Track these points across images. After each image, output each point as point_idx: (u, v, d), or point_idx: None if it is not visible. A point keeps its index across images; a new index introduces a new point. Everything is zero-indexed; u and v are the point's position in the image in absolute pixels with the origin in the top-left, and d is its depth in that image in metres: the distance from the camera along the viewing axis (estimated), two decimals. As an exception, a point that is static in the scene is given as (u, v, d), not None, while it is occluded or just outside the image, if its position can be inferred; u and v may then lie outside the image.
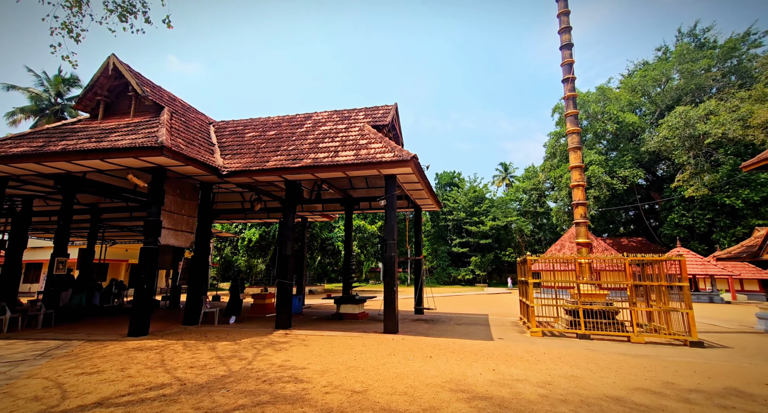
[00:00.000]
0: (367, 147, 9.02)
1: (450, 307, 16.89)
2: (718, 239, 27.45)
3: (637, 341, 8.96)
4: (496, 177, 58.91)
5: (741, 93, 26.42)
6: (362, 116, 11.22)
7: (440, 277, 44.98)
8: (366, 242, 30.53)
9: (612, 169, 31.72)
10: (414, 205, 13.50)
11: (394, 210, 9.18)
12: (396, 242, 9.14)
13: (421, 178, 9.48)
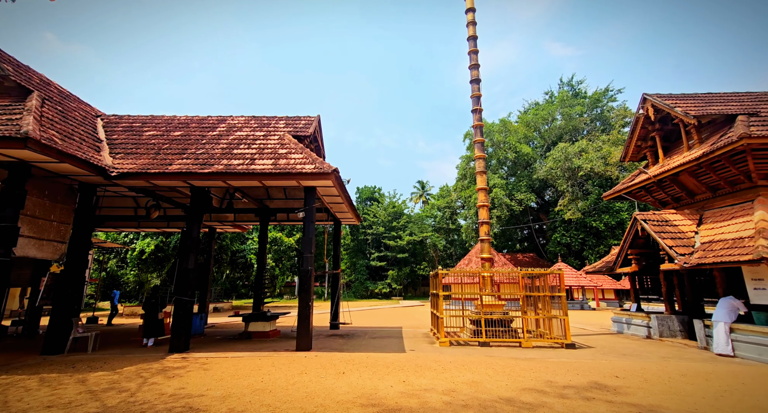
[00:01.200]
0: (287, 157, 8.75)
1: (366, 321, 16.96)
2: (588, 255, 32.93)
3: (526, 346, 10.11)
4: (414, 194, 62.06)
5: (603, 136, 32.71)
6: (283, 124, 10.89)
7: (358, 291, 45.04)
8: (282, 256, 29.12)
9: (511, 192, 36.05)
10: (334, 218, 13.43)
11: (312, 223, 9.00)
12: (314, 256, 8.93)
13: (342, 192, 9.52)
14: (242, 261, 28.38)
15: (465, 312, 12.05)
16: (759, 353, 8.39)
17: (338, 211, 12.48)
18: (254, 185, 9.21)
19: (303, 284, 8.74)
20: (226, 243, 26.00)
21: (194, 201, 9.16)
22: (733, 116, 10.10)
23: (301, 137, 10.34)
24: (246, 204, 11.89)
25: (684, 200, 12.23)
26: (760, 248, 8.03)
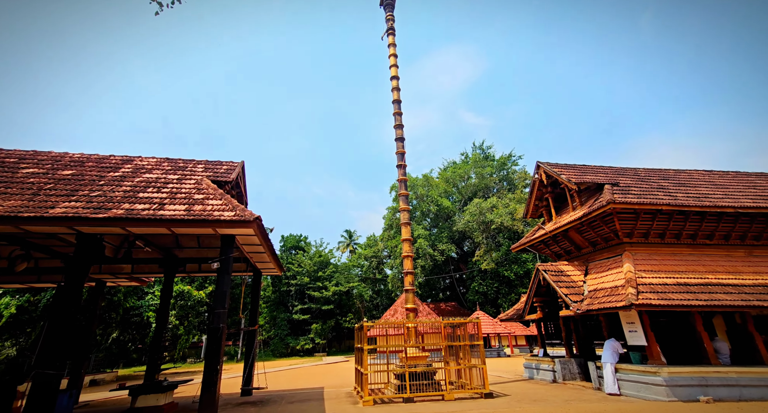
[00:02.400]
0: (204, 203, 8.20)
1: (284, 383, 15.36)
2: (502, 303, 35.34)
3: (449, 398, 10.08)
4: (341, 243, 61.54)
5: (510, 195, 37.27)
6: (201, 168, 10.32)
7: (277, 348, 41.06)
8: (189, 312, 25.66)
9: (434, 243, 38.00)
10: (254, 269, 12.55)
11: (228, 274, 8.29)
12: (227, 311, 8.09)
13: (264, 240, 9.09)
14: (137, 320, 24.24)
15: (390, 365, 11.73)
16: (637, 390, 9.56)
17: (259, 261, 11.74)
18: (161, 232, 8.33)
19: (212, 344, 7.75)
20: (117, 299, 22.14)
21: (80, 251, 7.85)
22: (602, 185, 12.46)
23: (221, 182, 9.86)
24: (149, 254, 10.54)
25: (573, 252, 14.21)
26: (629, 295, 9.57)
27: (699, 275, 10.91)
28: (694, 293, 10.01)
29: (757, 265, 11.59)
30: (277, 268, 12.38)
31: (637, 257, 11.46)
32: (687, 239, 12.14)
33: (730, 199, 11.87)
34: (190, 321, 25.51)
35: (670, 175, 13.91)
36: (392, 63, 14.17)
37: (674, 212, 11.59)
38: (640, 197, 11.52)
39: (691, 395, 8.88)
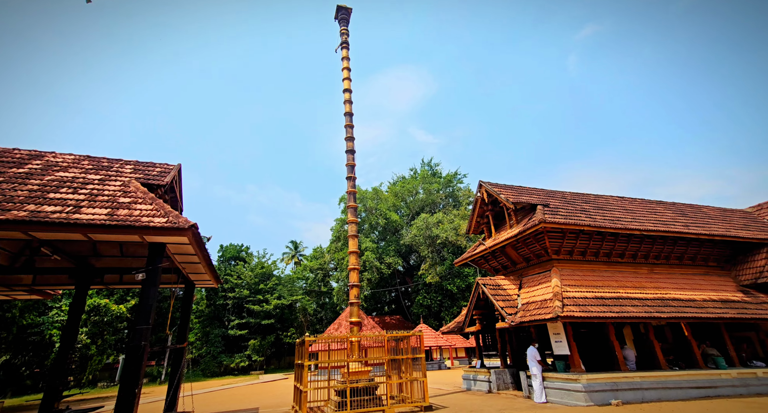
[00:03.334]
0: (131, 207, 7.44)
1: (215, 405, 14.14)
2: (444, 316, 36.35)
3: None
4: (285, 254, 59.35)
5: (455, 211, 38.98)
6: (130, 170, 9.38)
7: (208, 367, 37.87)
8: (105, 329, 22.77)
9: (381, 256, 38.21)
10: (185, 280, 11.56)
11: (155, 287, 7.54)
12: (151, 328, 7.31)
13: (200, 250, 8.45)
14: (35, 339, 20.92)
15: (331, 381, 11.38)
16: (561, 397, 10.32)
17: (192, 272, 10.85)
18: (75, 238, 7.38)
19: (131, 364, 6.92)
20: (11, 315, 18.96)
21: (-31, 256, 6.66)
22: (535, 205, 13.56)
23: (153, 185, 9.04)
24: (58, 262, 9.23)
25: (510, 267, 15.17)
26: (556, 308, 10.41)
27: (612, 289, 12.22)
28: (608, 306, 11.18)
29: (657, 281, 13.30)
30: (213, 280, 11.54)
31: (563, 272, 12.55)
32: (603, 257, 13.59)
33: (636, 223, 13.57)
34: (105, 340, 22.60)
35: (590, 199, 15.58)
36: (345, 76, 14.30)
37: (594, 232, 12.95)
38: (566, 217, 12.72)
39: (604, 399, 9.78)
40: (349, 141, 13.33)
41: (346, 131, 13.51)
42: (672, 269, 14.22)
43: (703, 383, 10.75)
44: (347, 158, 13.15)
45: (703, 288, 13.30)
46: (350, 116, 13.70)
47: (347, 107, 13.82)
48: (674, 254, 14.32)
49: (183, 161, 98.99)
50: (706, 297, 12.72)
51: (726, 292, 13.28)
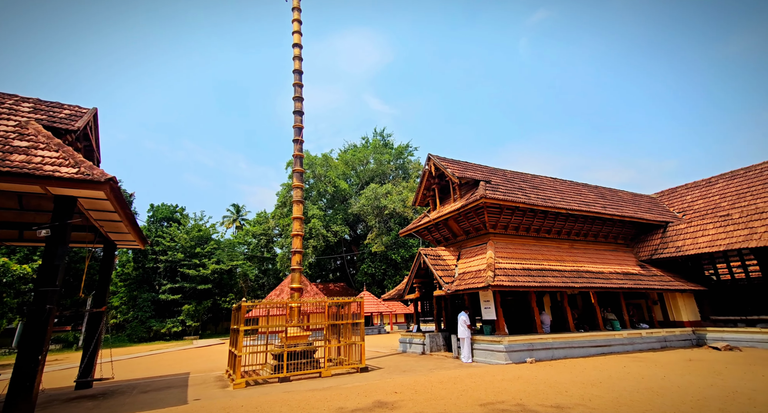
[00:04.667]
0: (29, 153, 6.30)
1: (142, 371, 13.45)
2: (387, 284, 37.72)
3: (326, 375, 10.29)
4: (226, 218, 56.46)
5: (404, 183, 39.50)
6: (29, 109, 7.89)
7: (136, 332, 35.78)
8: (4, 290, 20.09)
9: (328, 224, 37.93)
10: (105, 240, 10.42)
11: (64, 245, 6.65)
12: (59, 290, 6.51)
13: (120, 207, 7.55)
14: None
15: (269, 346, 11.33)
16: (485, 357, 11.38)
17: (113, 231, 9.78)
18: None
19: (33, 330, 6.16)
20: None
21: None
22: (478, 181, 14.11)
23: (60, 130, 7.73)
24: (-64, 213, 7.71)
25: (451, 239, 15.89)
26: (488, 278, 11.20)
27: (538, 262, 13.42)
28: (533, 276, 12.30)
29: (575, 255, 14.87)
30: (138, 241, 10.54)
31: (497, 245, 13.45)
32: (533, 232, 14.77)
33: (564, 203, 14.82)
34: (4, 302, 20.02)
35: (528, 178, 16.61)
36: (295, 29, 13.17)
37: (527, 209, 13.93)
38: (505, 194, 13.46)
39: (521, 358, 10.98)
40: (297, 101, 12.52)
41: (295, 90, 12.65)
42: (588, 245, 15.95)
43: (601, 342, 12.51)
44: (295, 120, 12.41)
45: (610, 262, 15.16)
46: (299, 74, 12.79)
47: (296, 63, 12.84)
48: (591, 232, 16.01)
49: (103, 108, 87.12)
50: (612, 270, 14.55)
51: (627, 266, 15.29)
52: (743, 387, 6.82)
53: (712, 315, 14.58)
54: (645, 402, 5.95)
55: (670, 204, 19.08)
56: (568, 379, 8.06)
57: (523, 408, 5.80)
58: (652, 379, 7.78)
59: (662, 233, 16.48)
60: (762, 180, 15.66)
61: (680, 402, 5.86)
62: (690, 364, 9.75)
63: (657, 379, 7.77)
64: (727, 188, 16.79)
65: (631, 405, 5.77)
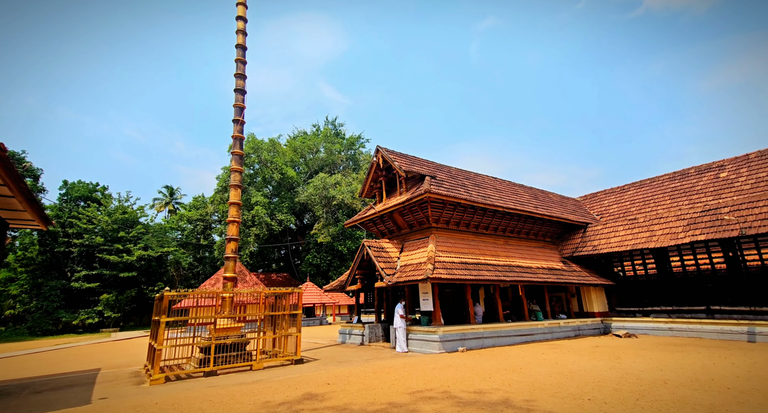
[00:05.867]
0: None
1: (39, 368, 11.81)
2: (332, 275, 37.40)
3: (257, 367, 9.88)
4: (158, 201, 51.79)
5: (353, 174, 39.21)
6: None
7: (40, 324, 31.58)
8: None
9: (273, 212, 36.45)
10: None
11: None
12: None
13: (11, 179, 6.41)
14: None
15: (196, 338, 10.59)
16: (421, 347, 11.75)
17: (4, 207, 8.33)
18: None
19: None
20: None
21: None
22: (424, 176, 14.38)
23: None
24: None
25: (395, 232, 16.08)
26: (427, 270, 11.50)
27: (475, 256, 14.10)
28: (470, 270, 12.89)
29: (509, 250, 15.89)
30: (38, 220, 9.10)
31: (439, 239, 13.87)
32: (473, 228, 15.48)
33: (501, 201, 15.71)
34: None
35: (471, 176, 17.33)
36: (239, 0, 12.20)
37: (469, 206, 14.52)
38: (449, 190, 13.89)
39: (454, 347, 11.49)
40: (239, 79, 11.66)
41: (237, 66, 11.76)
42: (520, 241, 17.13)
43: (525, 332, 13.55)
44: (236, 98, 11.55)
45: (538, 258, 16.44)
46: (243, 50, 11.91)
47: (239, 38, 11.93)
48: (524, 230, 17.21)
49: (11, 66, 73.39)
50: (539, 265, 15.79)
51: (552, 262, 16.70)
52: (634, 369, 7.78)
53: (617, 307, 16.51)
54: (556, 385, 6.50)
55: (591, 207, 21.15)
56: (493, 366, 8.57)
57: (448, 394, 6.03)
58: (564, 364, 8.56)
59: (583, 233, 18.23)
60: (662, 190, 17.96)
61: (584, 384, 6.50)
62: (596, 350, 10.93)
63: (568, 364, 8.57)
64: (636, 196, 19.01)
65: (543, 388, 6.27)
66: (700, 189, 16.29)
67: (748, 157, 16.14)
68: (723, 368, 7.67)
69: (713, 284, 13.67)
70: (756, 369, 7.47)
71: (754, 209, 12.62)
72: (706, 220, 13.57)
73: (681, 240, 13.50)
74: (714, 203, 14.45)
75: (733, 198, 14.07)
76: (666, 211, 15.87)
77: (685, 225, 14.02)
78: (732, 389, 5.92)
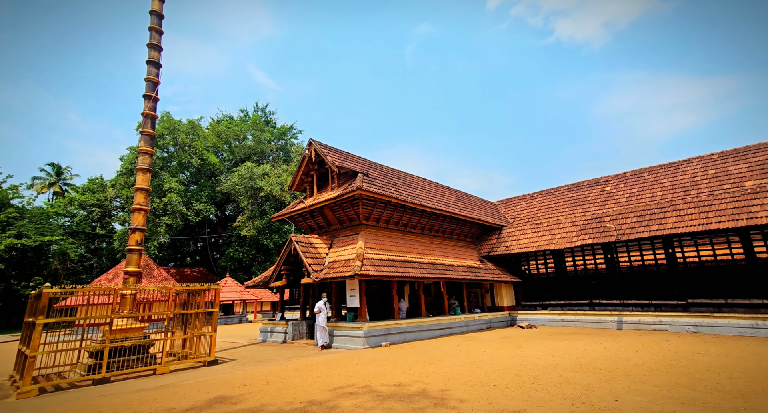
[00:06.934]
0: None
1: None
2: (255, 271, 35.44)
3: (163, 371, 8.93)
4: (39, 180, 43.61)
5: (284, 166, 37.61)
6: None
7: None
8: None
9: (190, 201, 33.20)
10: None
11: None
12: None
13: None
14: None
15: (87, 341, 9.15)
16: (345, 343, 11.77)
17: None
18: None
19: None
20: None
21: None
22: (356, 173, 14.40)
23: None
24: None
25: (325, 228, 15.83)
26: (356, 267, 11.56)
27: (402, 254, 14.57)
28: (396, 267, 13.28)
29: (434, 249, 16.75)
30: None
31: (368, 236, 14.02)
32: (401, 226, 15.97)
33: (429, 202, 16.49)
34: None
35: (402, 176, 17.86)
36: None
37: (398, 204, 14.94)
38: (380, 189, 14.11)
39: (377, 342, 11.74)
40: (153, 50, 10.32)
41: (151, 36, 10.41)
42: (444, 240, 18.18)
43: (444, 325, 14.43)
44: (149, 71, 10.22)
45: (459, 257, 17.63)
46: (159, 18, 10.59)
47: (155, 3, 10.59)
48: (448, 230, 18.30)
49: None
50: (460, 264, 16.94)
51: (471, 260, 18.06)
52: (532, 356, 8.81)
53: (523, 301, 18.52)
54: (467, 374, 7.04)
55: (506, 211, 23.35)
56: (413, 359, 8.96)
57: (369, 389, 6.13)
58: (476, 355, 9.32)
59: (498, 234, 20.04)
60: (563, 199, 20.61)
61: (491, 372, 7.15)
62: (503, 340, 12.12)
63: (479, 354, 9.35)
64: (543, 203, 21.50)
65: (457, 377, 6.74)
66: (590, 200, 19.04)
67: (625, 175, 19.31)
68: (598, 352, 9.08)
69: (596, 282, 16.11)
70: (621, 352, 9.01)
71: (627, 218, 15.17)
72: (593, 226, 15.91)
73: (574, 243, 15.63)
74: (600, 212, 17.02)
75: (613, 209, 16.73)
76: (564, 217, 18.23)
77: (578, 230, 16.27)
78: (603, 369, 7.05)
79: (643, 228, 14.08)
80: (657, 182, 17.18)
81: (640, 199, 16.58)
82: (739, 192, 13.09)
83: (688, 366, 7.14)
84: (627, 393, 5.36)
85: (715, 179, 15.21)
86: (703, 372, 6.61)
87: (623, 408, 4.71)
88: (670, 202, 14.84)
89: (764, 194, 12.29)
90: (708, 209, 13.19)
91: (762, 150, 15.54)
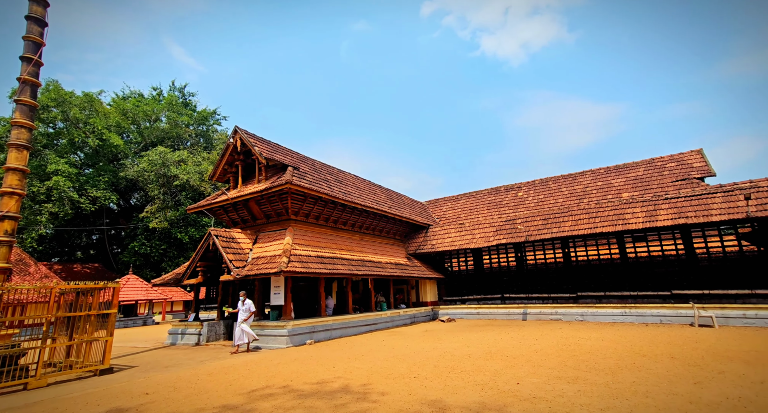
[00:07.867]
0: None
1: None
2: (166, 267, 31.89)
3: (38, 385, 7.54)
4: None
5: (204, 154, 34.43)
6: None
7: None
8: None
9: (83, 186, 28.57)
10: None
11: None
12: None
13: None
14: None
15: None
16: (268, 342, 11.24)
17: None
18: None
19: None
20: None
21: None
22: (286, 166, 13.83)
23: None
24: None
25: (249, 222, 14.90)
26: (282, 263, 11.10)
27: (331, 250, 14.41)
28: (325, 264, 13.08)
29: (363, 246, 16.89)
30: None
31: (296, 232, 13.57)
32: (331, 222, 15.79)
33: (360, 199, 16.59)
34: None
35: (334, 172, 17.67)
36: None
37: (329, 201, 14.74)
38: (311, 183, 13.76)
39: (302, 340, 11.44)
40: (35, 4, 8.59)
41: (43, -14, 8.67)
42: (374, 238, 18.45)
43: (371, 321, 14.64)
44: (29, 29, 8.49)
45: (387, 254, 18.05)
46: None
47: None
48: (378, 227, 18.60)
49: None
50: (388, 261, 17.35)
51: (399, 258, 18.63)
52: (450, 347, 9.42)
53: (445, 297, 19.69)
54: (390, 367, 7.24)
55: (433, 211, 24.57)
56: (338, 356, 8.92)
57: (289, 389, 5.93)
58: (399, 349, 9.64)
59: (425, 233, 20.99)
60: (483, 201, 22.39)
61: (412, 364, 7.46)
62: (425, 334, 12.73)
63: (402, 348, 9.69)
64: (466, 204, 23.10)
65: (380, 372, 6.89)
66: (506, 203, 21.00)
67: (534, 182, 21.70)
68: (506, 341, 10.07)
69: (507, 278, 17.83)
70: (524, 341, 10.12)
71: (534, 221, 17.07)
72: (507, 228, 17.58)
73: (491, 243, 17.09)
74: (513, 215, 18.87)
75: (524, 212, 18.69)
76: (484, 218, 19.82)
77: (495, 231, 17.82)
78: (509, 357, 7.84)
79: (547, 230, 15.97)
80: (559, 190, 19.62)
81: (546, 204, 18.78)
82: (618, 202, 15.60)
83: (575, 350, 8.30)
84: (527, 377, 6.03)
85: (601, 190, 17.91)
86: (586, 355, 7.74)
87: (523, 390, 5.28)
88: (567, 208, 17.06)
89: (635, 204, 14.83)
90: (596, 215, 15.48)
91: (634, 168, 18.80)
